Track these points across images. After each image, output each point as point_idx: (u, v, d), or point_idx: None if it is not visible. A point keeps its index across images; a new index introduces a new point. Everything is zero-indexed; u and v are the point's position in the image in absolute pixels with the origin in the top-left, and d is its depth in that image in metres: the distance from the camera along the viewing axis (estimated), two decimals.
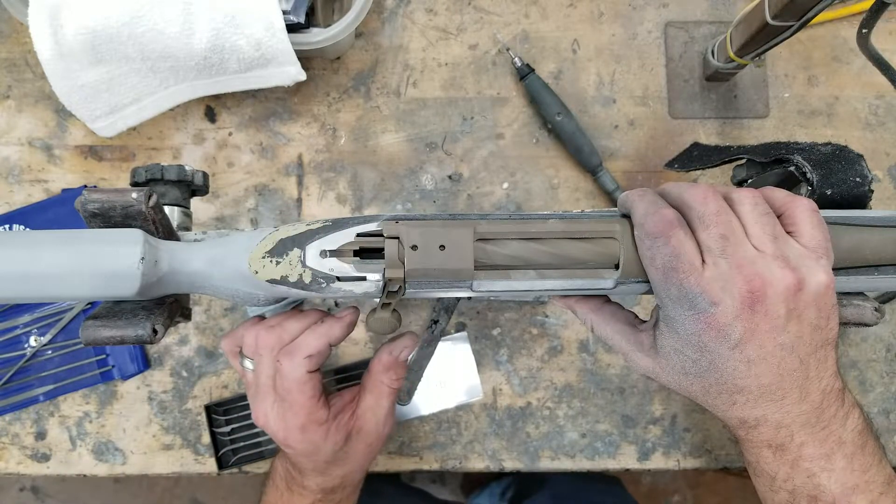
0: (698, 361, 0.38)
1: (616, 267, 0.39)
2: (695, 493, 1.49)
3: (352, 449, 0.49)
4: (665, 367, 0.40)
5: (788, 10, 0.50)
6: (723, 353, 0.37)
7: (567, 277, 0.39)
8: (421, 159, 0.66)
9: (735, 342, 0.37)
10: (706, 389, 0.40)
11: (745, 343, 0.37)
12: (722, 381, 0.39)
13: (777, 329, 0.37)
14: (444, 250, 0.38)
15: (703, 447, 0.64)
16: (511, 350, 0.64)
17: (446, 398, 0.63)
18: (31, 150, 0.65)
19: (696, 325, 0.37)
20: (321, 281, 0.38)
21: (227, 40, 0.56)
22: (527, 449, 0.63)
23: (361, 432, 0.49)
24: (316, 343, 0.45)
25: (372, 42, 0.67)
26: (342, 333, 0.46)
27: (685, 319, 0.37)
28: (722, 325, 0.37)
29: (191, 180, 0.46)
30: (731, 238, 0.37)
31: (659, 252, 0.37)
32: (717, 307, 0.36)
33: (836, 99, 0.67)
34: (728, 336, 0.37)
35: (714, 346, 0.37)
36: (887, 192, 0.66)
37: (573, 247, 0.39)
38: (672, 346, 0.39)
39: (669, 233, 0.36)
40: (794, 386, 0.38)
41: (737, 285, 0.36)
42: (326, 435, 0.47)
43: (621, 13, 0.68)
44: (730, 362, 0.38)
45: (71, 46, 0.56)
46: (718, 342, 0.37)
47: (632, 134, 0.66)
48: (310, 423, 0.46)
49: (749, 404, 0.39)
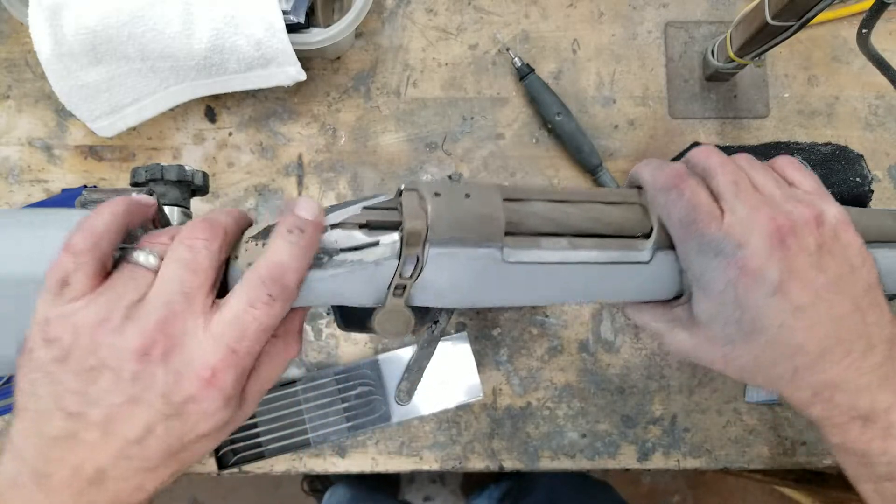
0: (741, 321, 0.35)
1: (648, 235, 0.37)
2: (695, 493, 1.49)
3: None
4: (707, 341, 0.37)
5: (788, 10, 0.50)
6: (765, 303, 0.34)
7: (601, 248, 0.36)
8: (421, 159, 0.66)
9: (774, 286, 0.34)
10: (758, 359, 0.35)
11: (786, 286, 0.34)
12: (773, 342, 0.35)
13: (815, 266, 0.34)
14: (469, 198, 0.34)
15: (703, 447, 0.64)
16: (511, 350, 0.64)
17: (446, 398, 0.63)
18: (31, 150, 0.65)
19: (726, 273, 0.34)
20: (321, 256, 0.33)
21: (227, 40, 0.56)
22: (527, 449, 0.63)
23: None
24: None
25: (372, 42, 0.67)
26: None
27: (715, 272, 0.35)
28: (755, 268, 0.34)
29: (191, 180, 0.46)
30: (740, 184, 0.36)
31: (675, 206, 0.36)
32: (744, 249, 0.34)
33: (836, 99, 0.67)
34: (765, 279, 0.34)
35: (753, 296, 0.34)
36: (887, 192, 0.66)
37: (603, 209, 0.37)
38: (709, 311, 0.36)
39: (681, 184, 0.36)
40: (856, 336, 0.35)
41: (760, 223, 0.34)
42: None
43: (621, 13, 0.68)
44: (775, 313, 0.34)
45: (71, 46, 0.56)
46: (756, 289, 0.34)
47: (632, 134, 0.66)
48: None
49: (813, 368, 0.35)
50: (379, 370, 0.62)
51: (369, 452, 0.63)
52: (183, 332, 0.31)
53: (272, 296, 0.31)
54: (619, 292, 0.39)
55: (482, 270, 0.35)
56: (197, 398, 0.31)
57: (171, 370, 0.31)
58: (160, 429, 0.31)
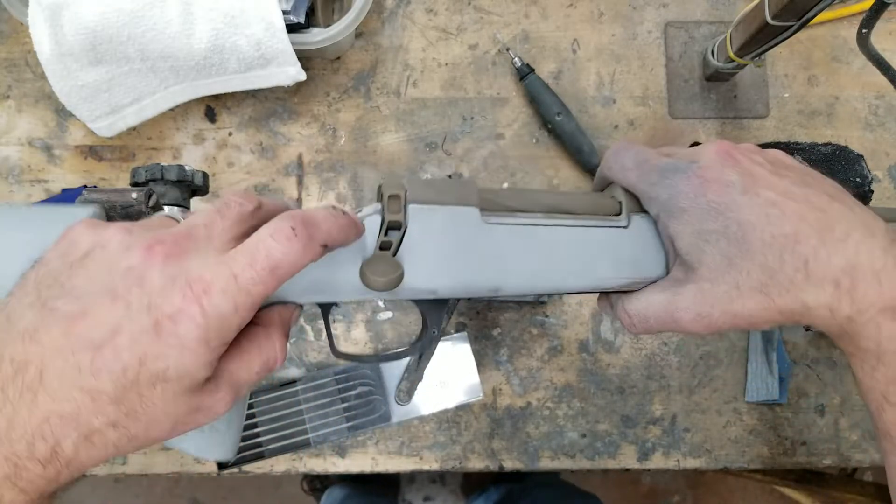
0: (727, 231, 0.34)
1: (619, 213, 0.39)
2: (695, 493, 1.49)
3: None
4: (710, 273, 0.35)
5: (788, 10, 0.50)
6: (740, 202, 0.34)
7: (576, 218, 0.38)
8: (421, 159, 0.66)
9: (741, 187, 0.34)
10: (765, 262, 0.33)
11: (752, 187, 0.34)
12: (768, 237, 0.33)
13: (773, 173, 0.35)
14: (448, 179, 0.36)
15: (703, 447, 0.64)
16: (511, 350, 0.64)
17: (446, 398, 0.63)
18: (31, 150, 0.65)
19: (691, 183, 0.35)
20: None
21: (227, 40, 0.56)
22: (527, 449, 0.63)
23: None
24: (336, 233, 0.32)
25: (372, 42, 0.67)
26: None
27: (679, 187, 0.36)
28: (715, 177, 0.35)
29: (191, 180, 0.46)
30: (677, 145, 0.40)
31: (626, 157, 0.38)
32: (698, 162, 0.36)
33: (836, 99, 0.67)
34: (729, 182, 0.34)
35: (725, 198, 0.34)
36: (887, 192, 0.66)
37: (574, 196, 0.40)
38: (693, 231, 0.35)
39: (629, 145, 0.39)
40: (849, 220, 0.33)
41: (706, 148, 0.37)
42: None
43: (621, 13, 0.68)
44: (754, 208, 0.34)
45: (71, 46, 0.56)
46: (725, 191, 0.34)
47: (632, 134, 0.66)
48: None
49: (821, 254, 0.33)
50: (379, 370, 0.62)
51: (369, 452, 0.63)
52: (195, 248, 0.29)
53: (295, 230, 0.29)
54: (607, 263, 0.38)
55: (463, 232, 0.36)
56: (177, 318, 0.27)
57: (166, 274, 0.28)
58: (125, 338, 0.27)
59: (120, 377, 0.27)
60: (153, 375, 0.27)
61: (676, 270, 0.37)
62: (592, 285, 0.39)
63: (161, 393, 0.28)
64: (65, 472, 0.28)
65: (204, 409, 0.30)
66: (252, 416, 0.61)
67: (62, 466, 0.27)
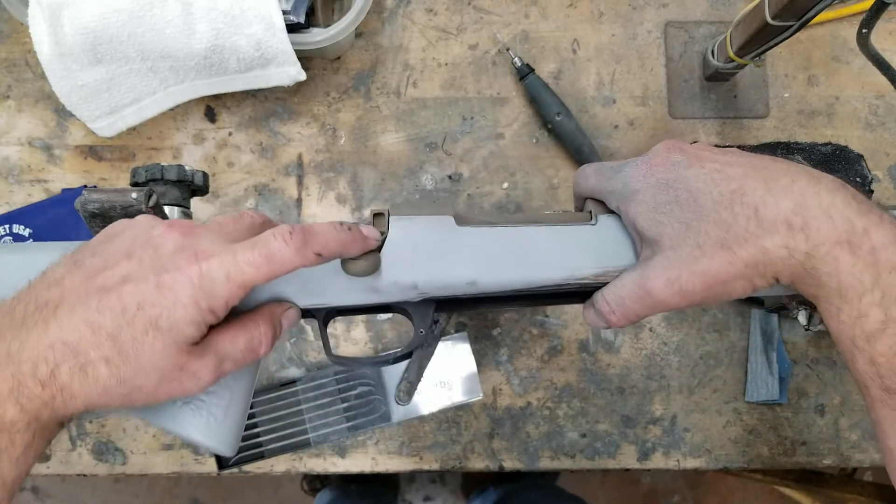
0: (679, 199, 0.37)
1: (590, 219, 0.42)
2: (695, 493, 1.49)
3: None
4: (671, 241, 0.37)
5: (788, 10, 0.50)
6: (687, 174, 0.37)
7: (551, 223, 0.41)
8: (421, 159, 0.66)
9: (686, 162, 0.38)
10: (720, 218, 0.35)
11: (696, 161, 0.38)
12: (717, 195, 0.36)
13: (710, 151, 0.39)
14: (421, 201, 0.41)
15: (703, 447, 0.64)
16: (511, 350, 0.64)
17: (446, 398, 0.63)
18: (31, 150, 0.65)
19: (640, 169, 0.39)
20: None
21: (227, 40, 0.56)
22: (527, 449, 0.63)
23: None
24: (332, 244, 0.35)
25: (372, 42, 0.67)
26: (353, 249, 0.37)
27: (631, 174, 0.40)
28: (661, 160, 0.39)
29: (191, 180, 0.46)
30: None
31: (588, 170, 0.43)
32: (647, 154, 0.40)
33: (836, 99, 0.67)
34: (675, 162, 0.38)
35: (673, 174, 0.38)
36: (887, 192, 0.66)
37: (551, 215, 0.43)
38: (648, 208, 0.38)
39: (592, 164, 0.44)
40: (793, 171, 0.36)
41: (657, 145, 0.41)
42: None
43: (621, 13, 0.68)
44: (701, 174, 0.37)
45: (71, 46, 0.56)
46: (672, 169, 0.38)
47: (632, 134, 0.66)
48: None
49: (769, 200, 0.35)
50: (379, 370, 0.62)
51: (369, 452, 0.63)
52: (208, 233, 0.34)
53: (291, 234, 0.33)
54: (578, 254, 0.41)
55: (439, 234, 0.40)
56: (177, 276, 0.32)
57: (178, 244, 0.33)
58: (131, 286, 0.32)
59: (119, 316, 0.31)
60: (147, 321, 0.31)
61: (644, 251, 0.39)
62: (566, 276, 0.40)
63: (152, 341, 0.32)
64: (59, 397, 0.31)
65: (188, 371, 0.33)
66: (252, 416, 0.61)
67: (56, 391, 0.31)
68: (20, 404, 0.31)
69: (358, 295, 0.39)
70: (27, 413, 0.31)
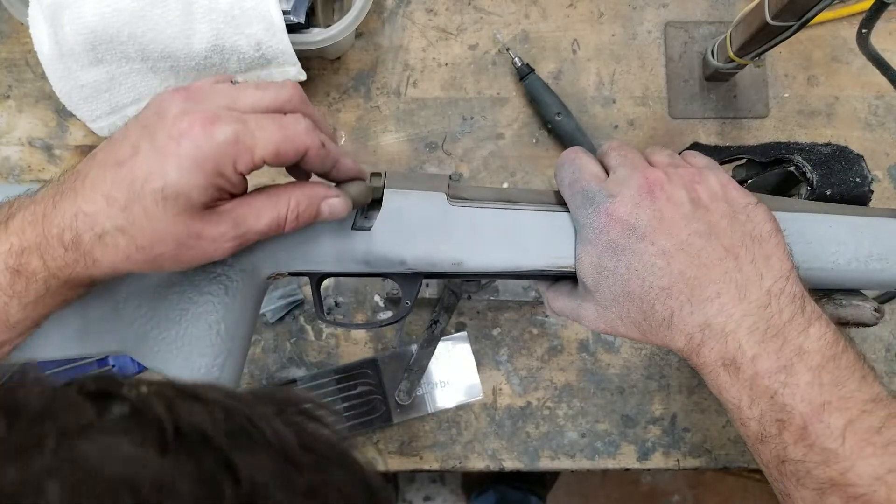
0: (617, 271, 0.38)
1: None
2: (695, 493, 1.49)
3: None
4: (601, 301, 0.39)
5: (788, 10, 0.50)
6: (635, 248, 0.37)
7: (537, 203, 0.42)
8: (421, 159, 0.66)
9: (642, 232, 0.37)
10: (641, 307, 0.38)
11: (653, 232, 0.37)
12: (647, 286, 0.37)
13: (686, 216, 0.37)
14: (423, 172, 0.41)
15: (703, 447, 0.64)
16: (511, 350, 0.64)
17: (446, 398, 0.63)
18: (31, 150, 0.65)
19: (598, 219, 0.38)
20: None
21: (228, 40, 0.57)
22: (527, 449, 0.63)
23: None
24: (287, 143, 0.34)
25: (372, 42, 0.67)
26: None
27: (589, 219, 0.39)
28: (622, 216, 0.37)
29: None
30: (629, 156, 0.40)
31: (566, 172, 0.41)
32: (614, 198, 0.38)
33: (836, 99, 0.67)
34: (634, 227, 0.37)
35: (624, 241, 0.37)
36: (887, 192, 0.66)
37: (540, 194, 0.43)
38: (592, 263, 0.39)
39: (574, 157, 0.41)
40: (727, 280, 0.36)
41: (635, 179, 0.38)
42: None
43: (621, 13, 0.68)
44: (646, 257, 0.37)
45: (71, 46, 0.56)
46: (626, 235, 0.37)
47: (632, 134, 0.66)
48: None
49: (684, 311, 0.37)
50: (379, 370, 0.62)
51: (369, 452, 0.63)
52: (217, 94, 0.34)
53: (305, 117, 0.34)
54: (562, 245, 0.41)
55: (430, 211, 0.41)
56: (180, 140, 0.32)
57: (182, 107, 0.33)
58: (140, 158, 0.32)
59: (129, 188, 0.32)
60: (154, 191, 0.32)
61: (581, 285, 0.41)
62: (549, 263, 0.41)
63: (163, 210, 0.32)
64: (81, 261, 0.33)
65: (206, 237, 0.34)
66: None
67: (80, 255, 0.33)
68: (44, 259, 0.33)
69: (350, 265, 0.41)
70: (48, 269, 0.33)
